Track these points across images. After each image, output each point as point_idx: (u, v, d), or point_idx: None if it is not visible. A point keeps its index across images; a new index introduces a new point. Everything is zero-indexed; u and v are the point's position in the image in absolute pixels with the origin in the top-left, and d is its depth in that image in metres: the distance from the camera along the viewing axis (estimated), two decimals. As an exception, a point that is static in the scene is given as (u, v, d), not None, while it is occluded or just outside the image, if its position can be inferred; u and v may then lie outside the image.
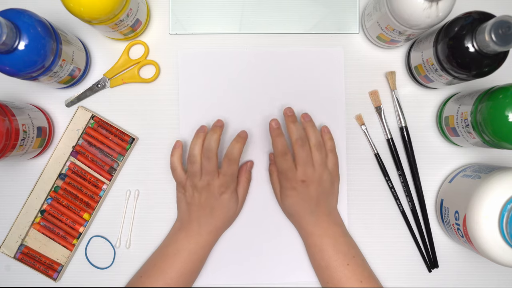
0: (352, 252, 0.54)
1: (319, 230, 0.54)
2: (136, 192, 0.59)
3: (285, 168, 0.53)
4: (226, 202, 0.54)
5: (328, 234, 0.54)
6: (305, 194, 0.53)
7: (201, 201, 0.53)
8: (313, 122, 0.55)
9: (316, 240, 0.54)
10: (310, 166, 0.53)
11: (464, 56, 0.46)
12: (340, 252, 0.53)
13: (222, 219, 0.55)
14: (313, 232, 0.54)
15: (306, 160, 0.52)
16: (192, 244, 0.54)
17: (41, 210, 0.58)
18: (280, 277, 0.59)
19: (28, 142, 0.52)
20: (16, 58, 0.45)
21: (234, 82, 0.59)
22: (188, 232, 0.55)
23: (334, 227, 0.55)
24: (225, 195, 0.53)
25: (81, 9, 0.46)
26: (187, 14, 0.59)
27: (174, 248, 0.54)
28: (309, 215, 0.54)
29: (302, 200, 0.54)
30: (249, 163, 0.58)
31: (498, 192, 0.47)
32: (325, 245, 0.53)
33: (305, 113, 0.55)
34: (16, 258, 0.57)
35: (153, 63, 0.59)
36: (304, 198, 0.53)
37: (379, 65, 0.60)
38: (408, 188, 0.59)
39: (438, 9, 0.46)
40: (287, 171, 0.53)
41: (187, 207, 0.55)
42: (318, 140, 0.53)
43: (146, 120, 0.59)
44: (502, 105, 0.46)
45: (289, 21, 0.59)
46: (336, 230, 0.55)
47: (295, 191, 0.53)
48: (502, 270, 0.59)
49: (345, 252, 0.53)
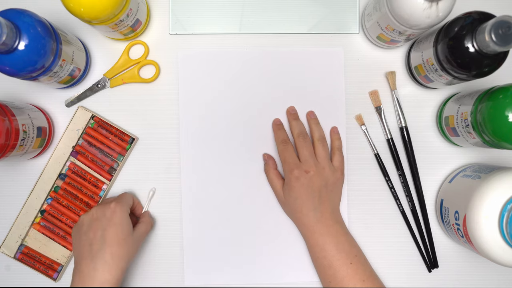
0: (354, 251, 0.54)
1: (322, 228, 0.54)
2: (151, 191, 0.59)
3: (287, 157, 0.54)
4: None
5: (331, 233, 0.54)
6: (309, 187, 0.53)
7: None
8: (317, 119, 0.58)
9: (318, 239, 0.54)
10: (313, 158, 0.54)
11: (464, 56, 0.46)
12: (342, 251, 0.53)
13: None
14: (315, 230, 0.54)
15: (309, 153, 0.54)
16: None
17: (41, 210, 0.58)
18: (280, 277, 0.59)
19: (28, 142, 0.52)
20: (16, 58, 0.45)
21: (234, 82, 0.59)
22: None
23: (336, 225, 0.55)
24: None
25: (81, 9, 0.46)
26: (187, 14, 0.59)
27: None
28: (313, 211, 0.54)
29: (306, 193, 0.53)
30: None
31: (498, 192, 0.47)
32: (327, 244, 0.53)
33: (310, 111, 0.58)
34: (16, 258, 0.57)
35: (153, 63, 0.59)
36: (308, 190, 0.53)
37: (379, 65, 0.60)
38: (408, 188, 0.59)
39: (438, 9, 0.46)
40: (290, 160, 0.54)
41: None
42: (322, 135, 0.56)
43: (146, 120, 0.59)
44: (502, 105, 0.46)
45: (289, 21, 0.59)
46: (338, 228, 0.55)
47: (299, 182, 0.53)
48: (502, 270, 0.59)
49: (347, 251, 0.53)
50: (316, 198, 0.54)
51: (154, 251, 0.59)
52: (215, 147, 0.59)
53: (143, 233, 0.55)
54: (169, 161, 0.59)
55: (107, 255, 0.49)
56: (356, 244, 0.56)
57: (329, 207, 0.55)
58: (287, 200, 0.55)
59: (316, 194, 0.53)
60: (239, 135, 0.59)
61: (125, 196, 0.55)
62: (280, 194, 0.56)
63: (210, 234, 0.59)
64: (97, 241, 0.50)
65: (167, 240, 0.59)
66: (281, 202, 0.57)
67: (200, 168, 0.59)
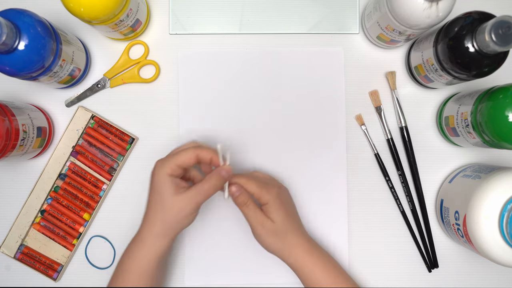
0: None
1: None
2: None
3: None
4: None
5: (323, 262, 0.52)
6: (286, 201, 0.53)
7: None
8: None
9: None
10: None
11: (464, 56, 0.46)
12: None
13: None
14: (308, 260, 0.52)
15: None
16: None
17: (41, 210, 0.58)
18: (280, 277, 0.59)
19: (28, 142, 0.52)
20: (16, 58, 0.45)
21: (234, 82, 0.59)
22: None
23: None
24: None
25: (81, 9, 0.46)
26: (187, 14, 0.59)
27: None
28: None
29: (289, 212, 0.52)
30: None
31: (498, 192, 0.47)
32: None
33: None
34: (16, 258, 0.57)
35: (153, 63, 0.59)
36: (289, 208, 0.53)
37: (379, 65, 0.60)
38: (408, 188, 0.59)
39: (438, 9, 0.46)
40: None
41: None
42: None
43: (146, 120, 0.59)
44: (502, 105, 0.46)
45: (289, 21, 0.59)
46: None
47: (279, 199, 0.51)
48: (502, 270, 0.59)
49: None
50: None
51: (154, 251, 0.59)
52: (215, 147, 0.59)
53: (197, 195, 0.47)
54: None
55: (146, 221, 0.48)
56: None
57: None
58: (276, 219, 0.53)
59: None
60: (239, 135, 0.59)
61: (178, 151, 0.48)
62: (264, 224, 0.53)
63: (210, 234, 0.59)
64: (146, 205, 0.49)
65: (167, 240, 0.59)
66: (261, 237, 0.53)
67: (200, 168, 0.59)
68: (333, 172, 0.59)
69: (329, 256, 0.53)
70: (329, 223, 0.59)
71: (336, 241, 0.59)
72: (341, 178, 0.59)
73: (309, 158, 0.59)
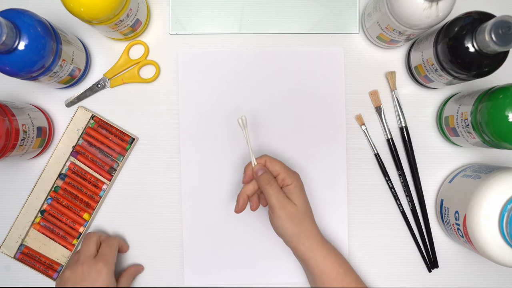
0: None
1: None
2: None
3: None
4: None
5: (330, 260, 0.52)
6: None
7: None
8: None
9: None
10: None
11: (464, 56, 0.46)
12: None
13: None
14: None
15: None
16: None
17: (41, 210, 0.58)
18: (280, 277, 0.59)
19: (28, 142, 0.52)
20: (16, 58, 0.45)
21: (234, 82, 0.59)
22: None
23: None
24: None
25: (81, 9, 0.46)
26: (187, 14, 0.59)
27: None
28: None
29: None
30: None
31: (498, 192, 0.47)
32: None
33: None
34: (16, 258, 0.57)
35: (153, 63, 0.59)
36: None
37: (379, 65, 0.60)
38: (408, 188, 0.59)
39: (438, 9, 0.46)
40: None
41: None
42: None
43: (146, 120, 0.59)
44: (502, 105, 0.46)
45: (289, 21, 0.59)
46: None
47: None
48: (502, 270, 0.59)
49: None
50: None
51: (154, 251, 0.59)
52: (215, 147, 0.59)
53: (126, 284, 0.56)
54: (169, 161, 0.59)
55: None
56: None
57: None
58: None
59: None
60: (239, 135, 0.59)
61: (111, 249, 0.54)
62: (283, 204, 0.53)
63: (210, 234, 0.59)
64: None
65: (167, 240, 0.59)
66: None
67: (200, 168, 0.59)
68: (333, 172, 0.59)
69: (339, 252, 0.52)
70: (329, 223, 0.59)
71: (336, 241, 0.59)
72: (341, 178, 0.59)
73: (309, 158, 0.59)
